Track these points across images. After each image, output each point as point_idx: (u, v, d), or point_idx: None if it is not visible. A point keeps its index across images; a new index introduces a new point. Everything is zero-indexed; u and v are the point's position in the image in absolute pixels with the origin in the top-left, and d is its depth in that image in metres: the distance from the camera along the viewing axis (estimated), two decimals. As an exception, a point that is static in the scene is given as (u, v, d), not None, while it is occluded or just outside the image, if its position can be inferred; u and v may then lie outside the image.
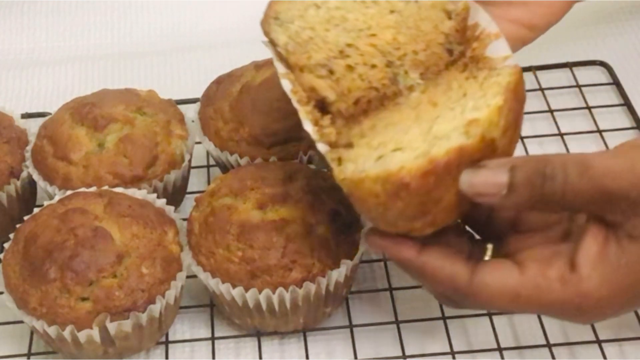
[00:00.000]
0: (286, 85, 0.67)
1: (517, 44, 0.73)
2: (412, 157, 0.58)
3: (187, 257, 0.75)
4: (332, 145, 0.65)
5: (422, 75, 0.67)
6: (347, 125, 0.66)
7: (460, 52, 0.67)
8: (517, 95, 0.61)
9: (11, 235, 0.76)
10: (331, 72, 0.67)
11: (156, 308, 0.72)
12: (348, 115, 0.67)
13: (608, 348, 0.74)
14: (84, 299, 0.70)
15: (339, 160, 0.64)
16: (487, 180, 0.59)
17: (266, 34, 0.70)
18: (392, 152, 0.60)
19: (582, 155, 0.59)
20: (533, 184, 0.58)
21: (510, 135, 0.61)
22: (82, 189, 0.79)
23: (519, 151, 0.92)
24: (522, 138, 0.93)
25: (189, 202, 0.88)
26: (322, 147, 0.65)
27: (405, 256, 0.64)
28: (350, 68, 0.67)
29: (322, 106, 0.67)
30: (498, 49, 0.66)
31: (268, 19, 0.71)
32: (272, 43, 0.70)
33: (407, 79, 0.67)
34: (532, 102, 0.99)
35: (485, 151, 0.59)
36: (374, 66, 0.67)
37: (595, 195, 0.58)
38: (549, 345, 0.74)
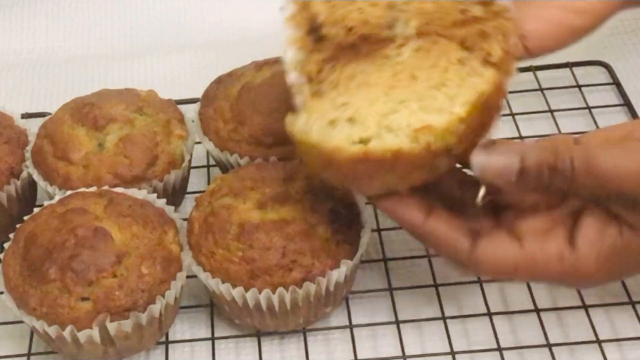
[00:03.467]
0: (290, 9, 0.66)
1: (566, 32, 0.72)
2: (353, 138, 0.60)
3: (187, 257, 0.74)
4: (309, 78, 0.65)
5: (422, 28, 0.66)
6: (332, 64, 0.65)
7: (474, 16, 0.66)
8: (487, 104, 0.61)
9: (11, 235, 0.76)
10: None
11: (156, 308, 0.72)
12: (337, 46, 0.65)
13: (608, 348, 0.74)
14: (84, 299, 0.70)
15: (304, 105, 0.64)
16: (499, 166, 0.60)
17: None
18: (345, 121, 0.62)
19: (590, 151, 0.59)
20: (542, 175, 0.59)
21: (472, 138, 0.62)
22: (82, 189, 0.79)
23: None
24: (522, 138, 0.93)
25: (189, 202, 0.88)
26: (294, 77, 0.65)
27: (411, 221, 0.64)
28: None
29: (316, 38, 0.66)
30: None
31: None
32: None
33: (406, 27, 0.66)
34: (532, 102, 0.99)
35: (426, 158, 0.60)
36: (374, 3, 0.66)
37: (601, 192, 0.59)
38: (549, 345, 0.74)
